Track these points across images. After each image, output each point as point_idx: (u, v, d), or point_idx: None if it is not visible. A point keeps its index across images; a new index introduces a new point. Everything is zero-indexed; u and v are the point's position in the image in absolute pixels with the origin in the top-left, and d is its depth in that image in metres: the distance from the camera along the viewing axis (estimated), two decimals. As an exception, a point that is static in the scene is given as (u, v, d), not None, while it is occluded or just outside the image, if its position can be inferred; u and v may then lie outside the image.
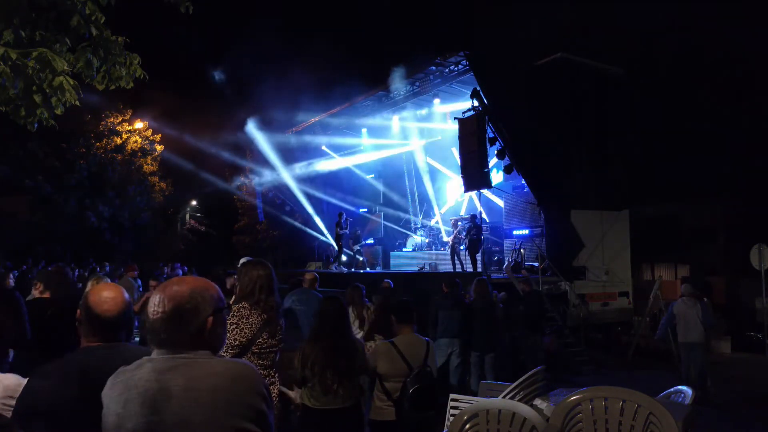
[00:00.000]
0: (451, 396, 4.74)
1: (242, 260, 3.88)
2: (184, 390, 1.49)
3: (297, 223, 20.10)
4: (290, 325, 4.54)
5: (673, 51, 21.60)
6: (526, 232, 14.27)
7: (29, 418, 1.74)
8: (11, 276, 8.41)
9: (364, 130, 18.34)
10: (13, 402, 1.93)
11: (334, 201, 19.61)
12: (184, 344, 1.58)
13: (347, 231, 15.88)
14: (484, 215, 15.39)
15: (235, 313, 3.14)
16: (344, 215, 16.02)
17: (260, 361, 3.16)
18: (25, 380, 2.11)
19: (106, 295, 2.01)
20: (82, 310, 1.98)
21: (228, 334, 2.96)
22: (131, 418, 1.50)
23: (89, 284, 6.04)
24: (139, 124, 25.84)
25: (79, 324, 1.99)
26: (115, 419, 1.54)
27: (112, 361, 1.89)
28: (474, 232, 12.81)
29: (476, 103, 11.86)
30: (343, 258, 19.48)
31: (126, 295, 2.08)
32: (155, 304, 1.59)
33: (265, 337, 3.19)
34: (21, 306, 3.86)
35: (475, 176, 12.09)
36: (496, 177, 14.02)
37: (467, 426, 3.46)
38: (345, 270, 16.19)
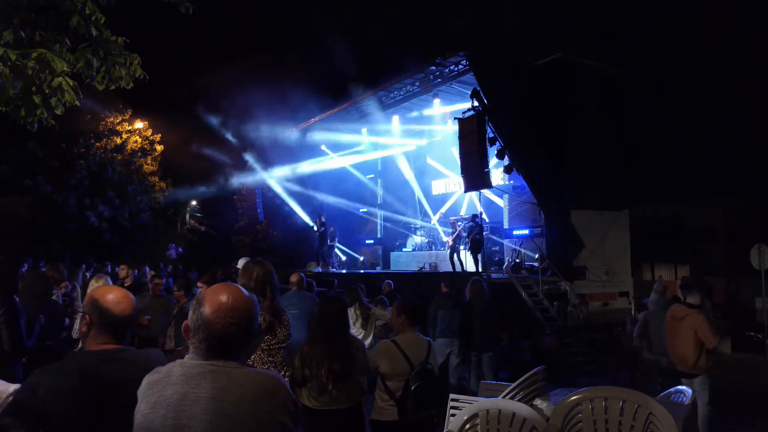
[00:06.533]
0: (451, 396, 4.74)
1: (241, 261, 3.88)
2: (210, 399, 1.49)
3: (297, 223, 20.08)
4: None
5: (673, 51, 21.60)
6: (526, 232, 14.28)
7: (23, 412, 1.75)
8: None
9: (364, 130, 18.34)
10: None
11: (333, 201, 19.61)
12: (235, 353, 1.59)
13: (323, 229, 16.01)
14: (484, 215, 15.41)
15: None
16: (323, 216, 16.15)
17: (270, 358, 3.16)
18: (10, 385, 2.12)
19: (117, 295, 2.03)
20: (92, 313, 1.97)
21: None
22: (156, 420, 1.51)
23: (91, 285, 6.07)
24: (139, 124, 25.82)
25: (87, 328, 1.98)
26: (142, 419, 1.54)
27: (113, 363, 1.89)
28: (476, 232, 12.81)
29: (476, 103, 11.85)
30: (343, 258, 19.51)
31: (131, 295, 2.10)
32: (232, 314, 1.57)
33: (271, 335, 3.19)
34: (18, 313, 3.88)
35: (475, 176, 12.08)
36: (496, 177, 14.02)
37: (467, 426, 3.46)
38: (330, 269, 16.29)
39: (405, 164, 18.73)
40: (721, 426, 6.16)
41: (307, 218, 19.32)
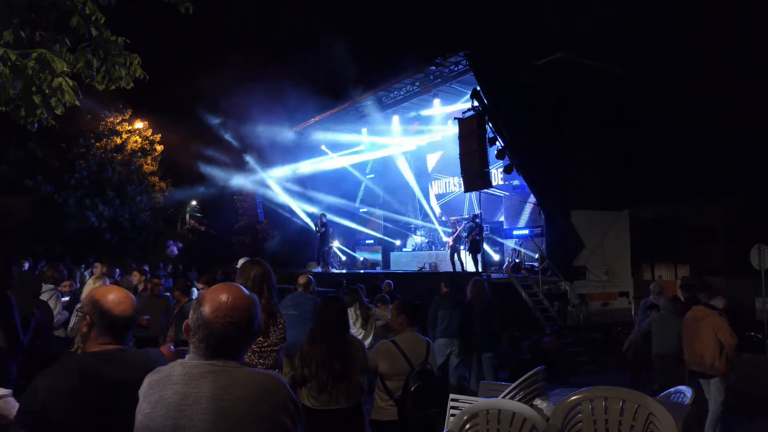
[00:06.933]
0: (451, 396, 4.74)
1: (241, 261, 3.87)
2: (210, 399, 1.49)
3: (297, 223, 20.10)
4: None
5: (673, 50, 21.60)
6: (526, 232, 14.28)
7: (27, 414, 1.76)
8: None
9: (364, 130, 18.35)
10: None
11: (333, 201, 19.62)
12: (233, 352, 1.59)
13: (324, 230, 16.12)
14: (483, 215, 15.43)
15: None
16: (324, 217, 16.32)
17: (261, 360, 3.13)
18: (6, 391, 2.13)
19: (118, 296, 2.03)
20: (93, 314, 1.97)
21: None
22: (157, 419, 1.51)
23: (88, 284, 6.07)
24: (139, 124, 25.83)
25: (88, 328, 1.98)
26: (143, 419, 1.55)
27: (113, 363, 1.90)
28: (476, 232, 12.82)
29: (476, 103, 11.86)
30: (343, 258, 19.52)
31: (132, 295, 2.11)
32: (229, 314, 1.57)
33: (264, 336, 3.17)
34: (12, 310, 3.88)
35: (475, 176, 12.09)
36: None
37: (467, 426, 3.46)
38: (330, 269, 16.38)
39: (405, 164, 18.73)
40: (720, 426, 6.16)
41: (306, 218, 19.33)
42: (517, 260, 13.78)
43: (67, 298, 6.30)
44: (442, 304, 7.36)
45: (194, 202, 31.30)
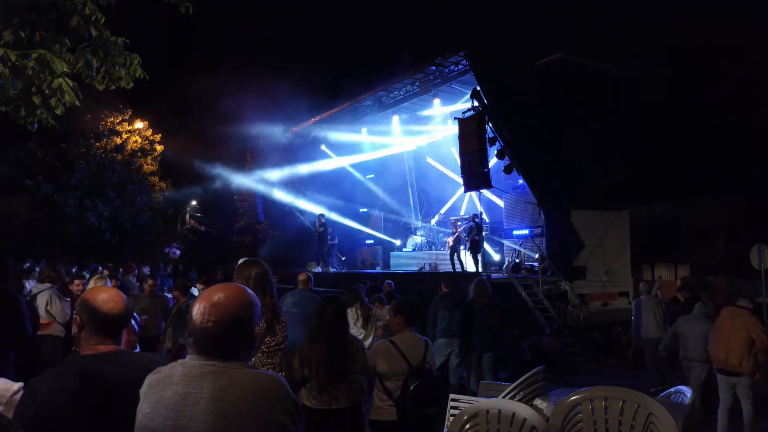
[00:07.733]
0: (451, 396, 4.74)
1: (240, 261, 3.87)
2: (210, 400, 1.49)
3: (297, 223, 20.09)
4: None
5: (673, 50, 21.60)
6: (526, 232, 14.27)
7: (26, 414, 1.76)
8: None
9: (363, 130, 18.35)
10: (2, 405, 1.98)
11: (333, 201, 19.61)
12: (226, 353, 1.57)
13: (323, 230, 16.09)
14: (484, 215, 15.43)
15: None
16: (323, 217, 16.32)
17: (269, 360, 3.14)
18: (14, 384, 2.13)
19: (107, 295, 2.03)
20: (82, 314, 1.97)
21: None
22: (157, 419, 1.52)
23: (90, 284, 6.08)
24: (139, 124, 25.83)
25: (80, 329, 1.98)
26: (143, 418, 1.55)
27: (113, 365, 1.90)
28: (475, 232, 12.82)
29: (476, 103, 11.86)
30: (343, 258, 19.50)
31: (123, 294, 2.10)
32: (210, 312, 1.57)
33: (271, 335, 3.18)
34: (21, 307, 3.90)
35: (475, 176, 12.10)
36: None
37: (467, 426, 3.47)
38: (330, 269, 16.38)
39: (405, 164, 18.72)
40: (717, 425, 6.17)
41: (306, 218, 19.32)
42: (517, 260, 13.78)
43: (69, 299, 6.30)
44: (442, 304, 7.37)
45: (194, 202, 31.29)
